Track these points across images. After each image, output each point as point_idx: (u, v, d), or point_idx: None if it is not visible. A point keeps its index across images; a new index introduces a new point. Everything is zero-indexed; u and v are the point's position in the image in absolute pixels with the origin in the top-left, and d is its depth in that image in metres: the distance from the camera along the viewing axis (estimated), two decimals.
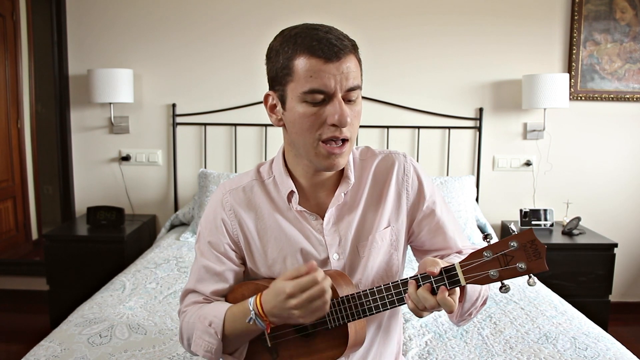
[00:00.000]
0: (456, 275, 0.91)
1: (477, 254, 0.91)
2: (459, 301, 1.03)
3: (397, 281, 0.97)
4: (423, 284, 0.93)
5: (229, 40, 2.99)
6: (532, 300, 1.93)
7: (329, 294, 0.94)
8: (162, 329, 1.67)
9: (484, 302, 1.09)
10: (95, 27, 2.99)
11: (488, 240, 0.91)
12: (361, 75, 1.02)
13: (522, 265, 0.87)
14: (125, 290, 2.01)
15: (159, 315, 1.79)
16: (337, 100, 0.95)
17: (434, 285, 0.92)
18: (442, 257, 1.16)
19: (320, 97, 0.95)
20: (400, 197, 1.13)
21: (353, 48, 0.99)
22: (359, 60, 1.01)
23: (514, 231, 0.89)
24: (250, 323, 0.98)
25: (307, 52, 0.94)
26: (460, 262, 0.92)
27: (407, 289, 0.95)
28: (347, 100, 0.98)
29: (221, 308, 1.05)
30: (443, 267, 0.92)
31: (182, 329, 1.12)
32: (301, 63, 0.95)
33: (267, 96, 1.05)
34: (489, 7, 2.95)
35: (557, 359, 1.50)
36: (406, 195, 1.13)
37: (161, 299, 1.94)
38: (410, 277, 0.96)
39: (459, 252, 1.15)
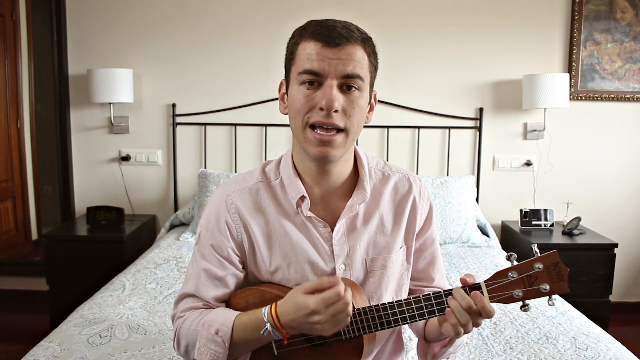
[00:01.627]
0: (482, 294, 0.92)
1: (502, 274, 0.92)
2: (446, 345, 1.06)
3: (419, 296, 0.96)
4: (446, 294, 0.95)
5: (229, 40, 2.99)
6: (532, 300, 1.93)
7: (351, 307, 0.93)
8: (162, 329, 1.67)
9: (461, 348, 1.14)
10: (95, 27, 2.99)
11: (511, 260, 0.93)
12: (371, 70, 1.01)
13: (545, 286, 0.90)
14: (125, 291, 2.01)
15: (158, 316, 1.79)
16: (328, 84, 0.95)
17: (468, 290, 0.93)
18: (419, 290, 1.18)
19: (313, 78, 0.96)
20: (414, 220, 1.13)
21: (363, 41, 0.98)
22: (370, 55, 1.00)
23: (537, 252, 0.91)
24: (265, 334, 0.95)
25: (310, 36, 0.97)
26: (485, 281, 0.93)
27: (428, 303, 0.95)
28: (347, 89, 0.97)
29: (228, 316, 1.01)
30: (468, 285, 0.94)
31: (179, 334, 1.06)
32: (303, 46, 0.97)
33: (280, 84, 1.07)
34: (489, 7, 2.95)
35: (558, 359, 1.50)
36: (419, 219, 1.13)
37: (161, 299, 1.94)
38: (433, 293, 0.96)
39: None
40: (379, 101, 2.95)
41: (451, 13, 2.96)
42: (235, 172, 3.03)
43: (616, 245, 2.67)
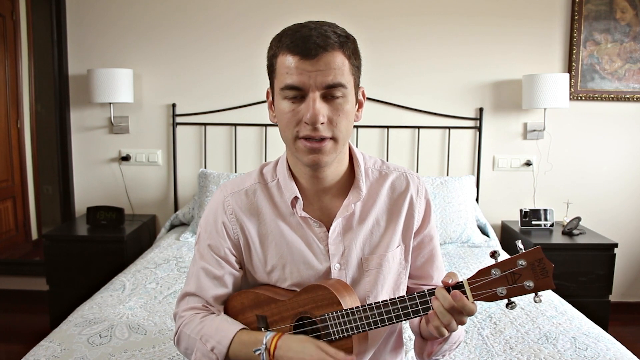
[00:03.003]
0: (464, 292, 0.92)
1: (485, 271, 0.91)
2: (441, 342, 1.07)
3: (404, 296, 0.97)
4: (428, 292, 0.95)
5: (229, 40, 2.99)
6: (532, 300, 1.93)
7: None
8: (162, 329, 1.67)
9: (458, 346, 1.13)
10: (95, 27, 2.99)
11: (496, 257, 0.92)
12: (353, 72, 0.99)
13: (529, 283, 0.89)
14: (125, 290, 2.01)
15: (158, 315, 1.79)
16: (311, 97, 0.94)
17: (451, 290, 0.93)
18: (419, 288, 1.18)
19: (295, 93, 0.95)
20: (412, 218, 1.13)
21: (341, 45, 0.95)
22: (351, 57, 0.98)
23: (521, 249, 0.90)
24: (257, 354, 0.98)
25: (286, 49, 0.95)
26: (468, 280, 0.93)
27: (413, 303, 0.96)
28: (331, 97, 0.96)
29: (226, 333, 1.03)
30: (450, 284, 0.93)
31: (179, 336, 1.10)
32: (281, 60, 0.96)
33: (267, 93, 1.07)
34: (489, 7, 2.95)
35: (557, 359, 1.50)
36: (417, 217, 1.13)
37: (161, 299, 1.94)
38: (417, 292, 0.96)
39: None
40: (379, 101, 2.97)
41: (451, 13, 2.96)
42: (235, 172, 3.03)
43: (616, 245, 2.67)
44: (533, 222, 2.89)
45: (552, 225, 2.89)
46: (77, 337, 1.59)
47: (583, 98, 3.00)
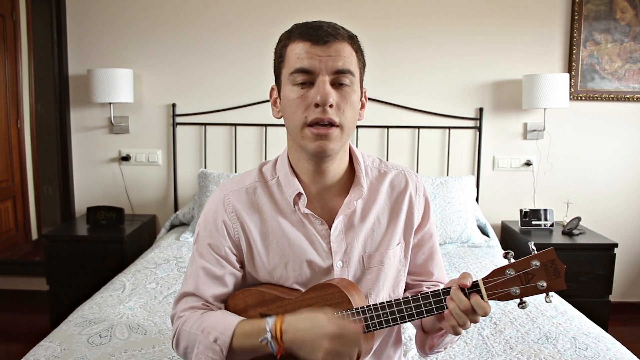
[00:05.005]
0: (479, 291, 0.93)
1: (499, 271, 0.93)
2: (443, 334, 1.08)
3: (418, 295, 0.97)
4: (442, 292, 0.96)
5: (229, 40, 2.99)
6: (532, 300, 1.93)
7: (356, 355, 0.93)
8: (162, 329, 1.67)
9: (459, 338, 1.16)
10: (95, 27, 2.99)
11: (509, 258, 0.94)
12: (360, 66, 1.03)
13: (542, 283, 0.91)
14: (125, 291, 2.01)
15: (158, 315, 1.79)
16: (320, 80, 0.96)
17: (466, 291, 0.94)
18: (419, 284, 1.19)
19: (305, 77, 0.97)
20: (412, 216, 1.13)
21: (349, 38, 1.00)
22: (357, 52, 1.02)
23: (534, 250, 0.92)
24: (263, 343, 0.94)
25: (298, 38, 0.98)
26: (483, 279, 0.94)
27: (426, 302, 0.96)
28: (339, 84, 0.98)
29: (228, 323, 1.00)
30: (467, 285, 0.94)
31: (179, 335, 1.06)
32: (291, 48, 0.99)
33: (271, 90, 1.08)
34: (489, 7, 2.95)
35: (557, 359, 1.50)
36: (417, 215, 1.14)
37: (161, 299, 1.94)
38: (431, 291, 0.97)
39: (440, 284, 1.19)
40: (379, 101, 2.97)
41: (451, 13, 2.96)
42: (235, 172, 3.03)
43: (616, 245, 2.67)
44: (533, 222, 2.89)
45: (552, 225, 2.89)
46: (77, 337, 1.59)
47: (583, 98, 3.00)
